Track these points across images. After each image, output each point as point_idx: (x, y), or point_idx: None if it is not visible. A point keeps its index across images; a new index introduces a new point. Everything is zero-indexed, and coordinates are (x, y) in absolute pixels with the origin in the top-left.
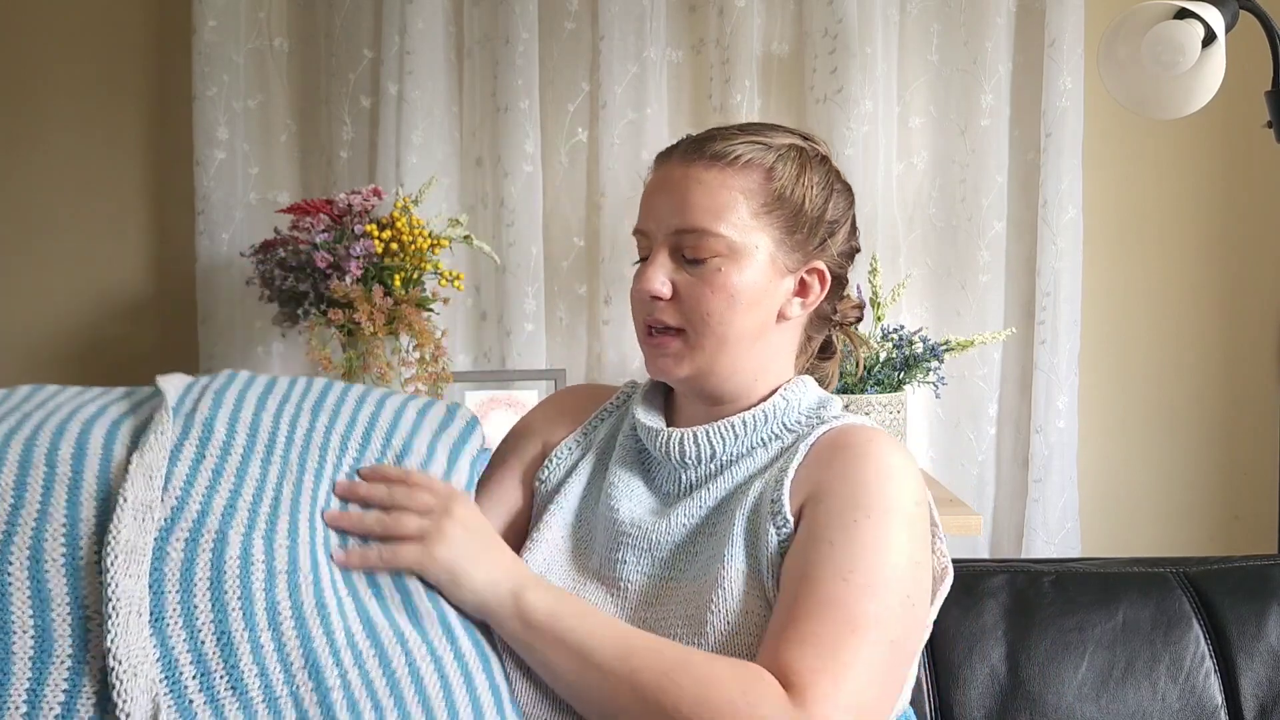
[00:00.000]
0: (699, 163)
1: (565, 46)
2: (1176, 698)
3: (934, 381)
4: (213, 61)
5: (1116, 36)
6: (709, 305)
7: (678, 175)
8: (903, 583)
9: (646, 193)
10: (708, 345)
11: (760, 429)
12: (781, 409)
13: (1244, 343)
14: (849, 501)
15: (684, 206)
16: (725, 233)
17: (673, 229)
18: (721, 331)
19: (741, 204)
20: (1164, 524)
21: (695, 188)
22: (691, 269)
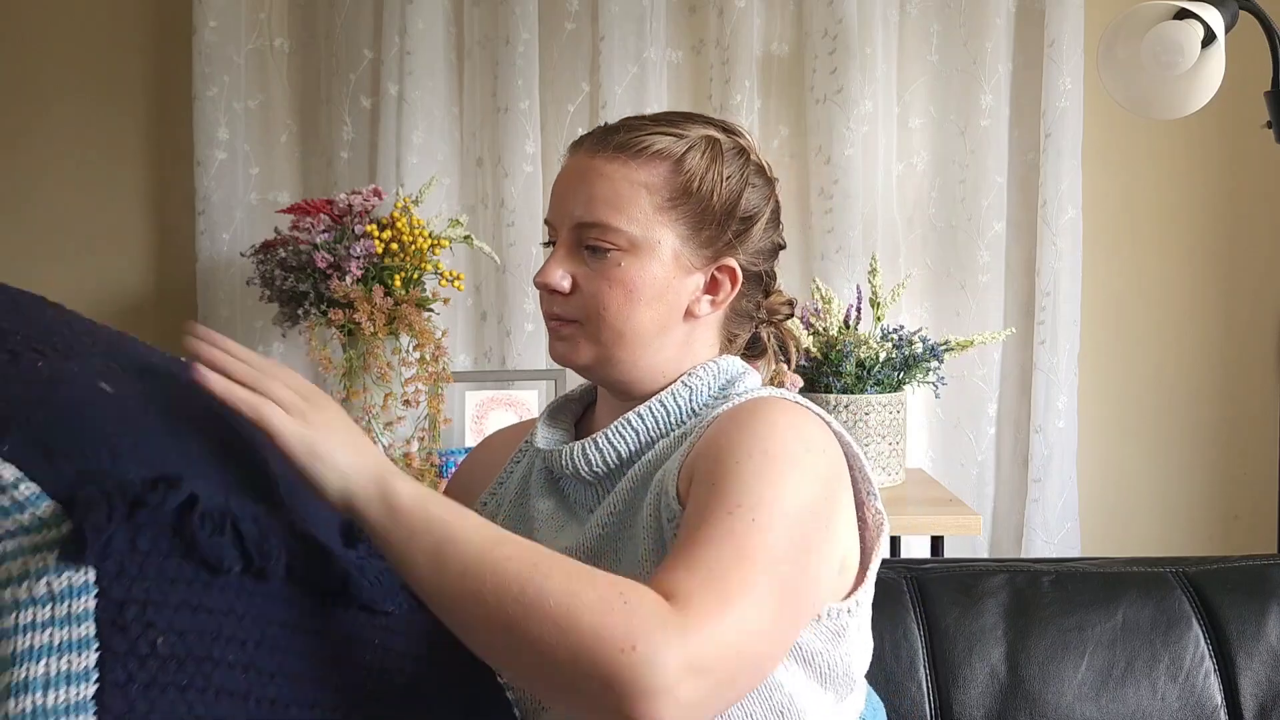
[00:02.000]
0: (603, 154)
1: (565, 47)
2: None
3: (934, 381)
4: (213, 62)
5: (1116, 37)
6: (605, 299)
7: (584, 166)
8: (796, 526)
9: (555, 182)
10: (604, 338)
11: (662, 420)
12: (685, 397)
13: (1244, 343)
14: (735, 450)
15: (585, 199)
16: (625, 227)
17: (574, 221)
18: (619, 326)
19: (644, 198)
20: (1164, 524)
21: (598, 180)
22: (592, 262)
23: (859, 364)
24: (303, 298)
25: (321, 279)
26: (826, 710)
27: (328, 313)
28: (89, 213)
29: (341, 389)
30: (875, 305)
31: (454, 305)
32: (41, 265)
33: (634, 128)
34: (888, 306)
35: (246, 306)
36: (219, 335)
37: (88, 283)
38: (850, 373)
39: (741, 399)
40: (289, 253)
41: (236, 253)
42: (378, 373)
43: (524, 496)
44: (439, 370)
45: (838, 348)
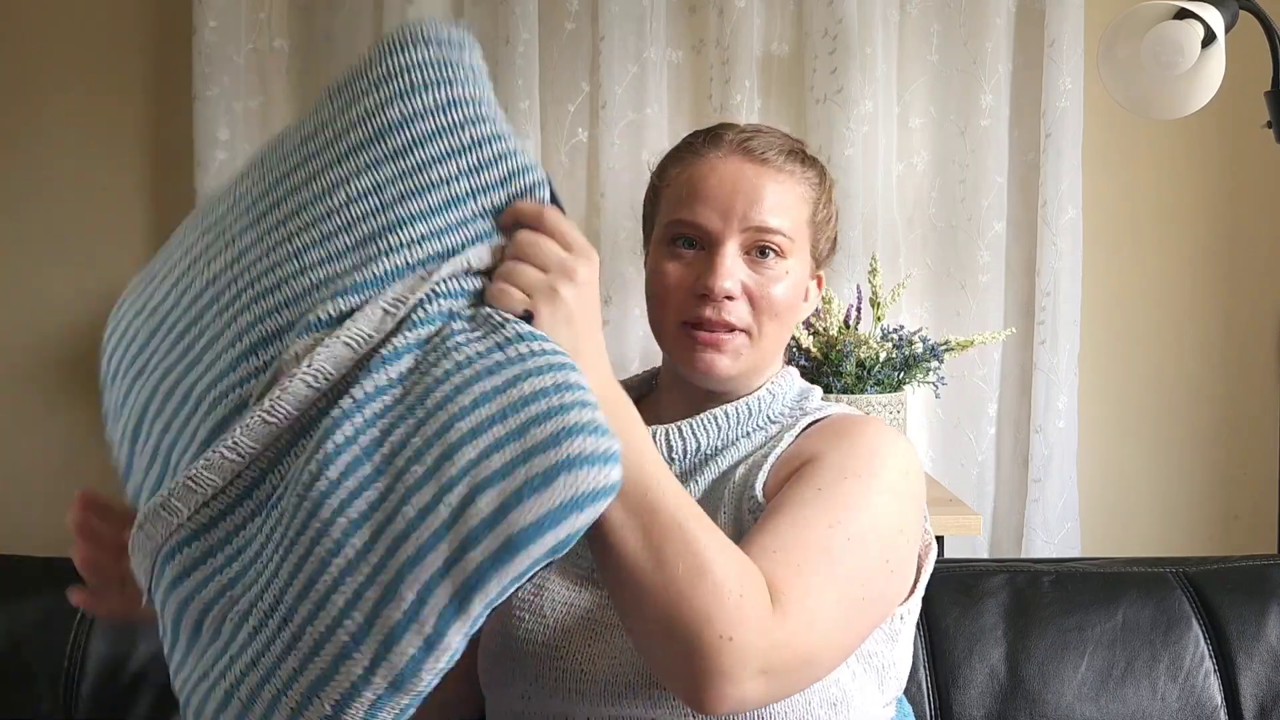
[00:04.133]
0: (771, 163)
1: (565, 46)
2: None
3: (934, 381)
4: (213, 62)
5: (1116, 37)
6: (778, 306)
7: (749, 172)
8: (884, 546)
9: (701, 179)
10: (765, 345)
11: (745, 421)
12: (768, 402)
13: (1244, 343)
14: (845, 465)
15: (761, 203)
16: (793, 235)
17: (747, 225)
18: (779, 333)
19: (803, 209)
20: (1164, 524)
21: (771, 186)
22: (759, 268)
23: (859, 364)
24: None
25: None
26: (874, 708)
27: None
28: (89, 213)
29: None
30: (875, 305)
31: None
32: (41, 265)
33: (782, 145)
34: (888, 306)
35: None
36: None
37: (88, 283)
38: (850, 373)
39: (824, 413)
40: None
41: None
42: None
43: None
44: None
45: (838, 348)
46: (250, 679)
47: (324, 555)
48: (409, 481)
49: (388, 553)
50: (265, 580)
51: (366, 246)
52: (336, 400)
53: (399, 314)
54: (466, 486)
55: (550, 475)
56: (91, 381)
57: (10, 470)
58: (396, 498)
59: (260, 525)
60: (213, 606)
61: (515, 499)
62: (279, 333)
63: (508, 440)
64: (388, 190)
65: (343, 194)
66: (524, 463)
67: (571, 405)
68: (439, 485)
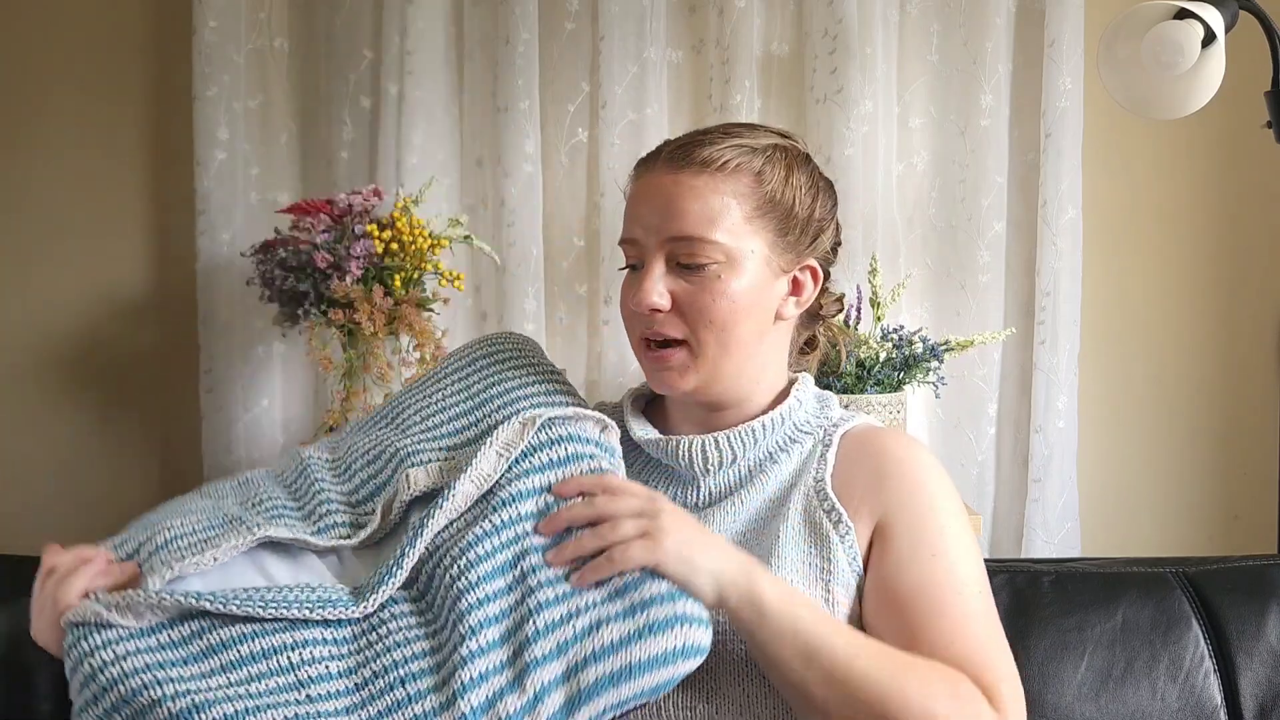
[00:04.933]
0: (688, 169)
1: (565, 46)
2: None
3: (934, 381)
4: (213, 62)
5: (1116, 37)
6: (712, 313)
7: (666, 182)
8: (985, 574)
9: (632, 201)
10: (711, 354)
11: (776, 431)
12: (795, 410)
13: (1244, 343)
14: (929, 520)
15: (677, 214)
16: (721, 239)
17: (666, 236)
18: (724, 339)
19: (734, 209)
20: (1164, 524)
21: (687, 194)
22: (689, 277)
23: (859, 364)
24: (303, 298)
25: (321, 279)
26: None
27: (328, 313)
28: (88, 213)
29: (342, 389)
30: (875, 305)
31: (454, 305)
32: (41, 266)
33: (709, 142)
34: (888, 306)
35: (246, 306)
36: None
37: (87, 283)
38: (850, 373)
39: (853, 424)
40: (289, 253)
41: (236, 253)
42: (378, 373)
43: None
44: None
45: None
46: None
47: (460, 636)
48: (539, 599)
49: (515, 652)
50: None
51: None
52: (470, 525)
53: (509, 457)
54: (591, 618)
55: (666, 624)
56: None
57: (10, 470)
58: (526, 610)
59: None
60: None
61: (636, 636)
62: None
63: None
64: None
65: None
66: (644, 610)
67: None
68: (568, 609)
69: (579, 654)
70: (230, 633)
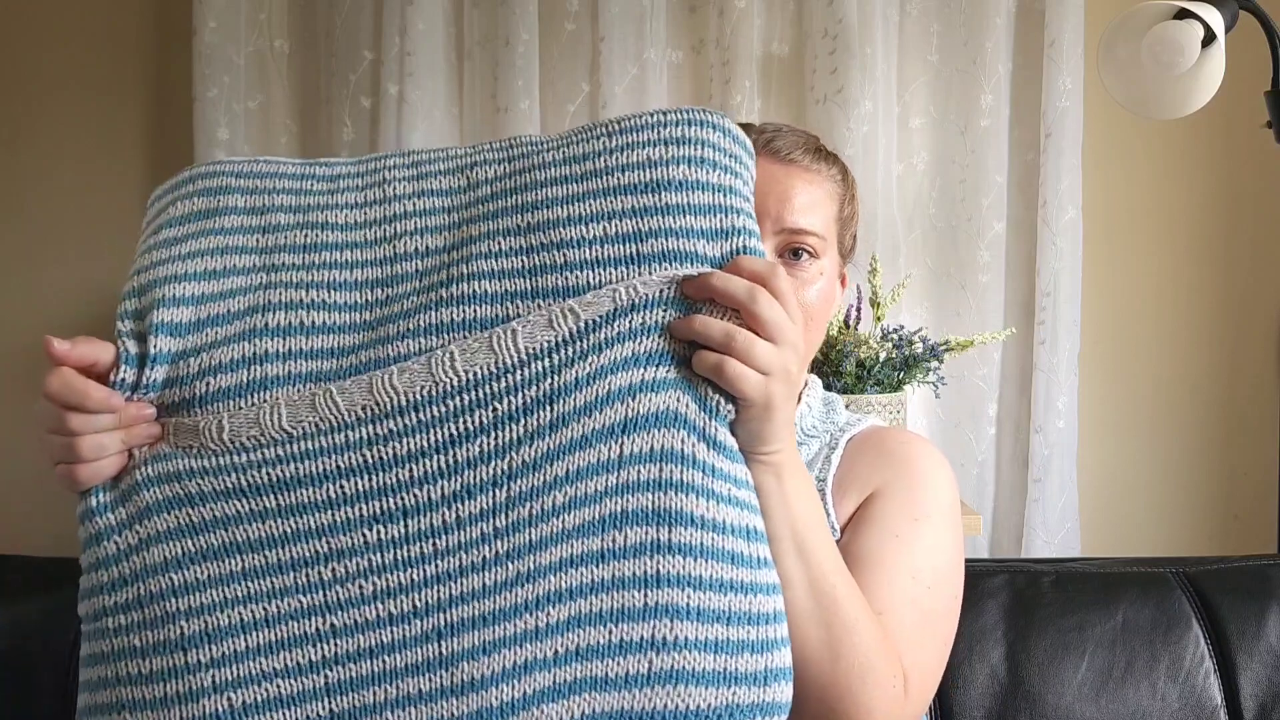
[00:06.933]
0: (800, 162)
1: (565, 47)
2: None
3: (934, 381)
4: (213, 63)
5: (1116, 36)
6: (814, 309)
7: (779, 172)
8: (954, 581)
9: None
10: (804, 352)
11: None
12: (805, 415)
13: (1244, 343)
14: (912, 503)
15: (795, 205)
16: (826, 235)
17: (782, 227)
18: (816, 337)
19: (831, 208)
20: (1164, 524)
21: (802, 187)
22: (794, 270)
23: (859, 364)
24: None
25: None
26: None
27: None
28: (89, 213)
29: None
30: (875, 305)
31: None
32: (41, 266)
33: (805, 142)
34: (888, 306)
35: None
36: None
37: (87, 284)
38: (850, 373)
39: (860, 426)
40: None
41: None
42: None
43: None
44: None
45: (838, 348)
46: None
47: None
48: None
49: None
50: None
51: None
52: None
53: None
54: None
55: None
56: None
57: (10, 470)
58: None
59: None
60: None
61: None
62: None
63: (725, 649)
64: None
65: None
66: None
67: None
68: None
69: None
70: None
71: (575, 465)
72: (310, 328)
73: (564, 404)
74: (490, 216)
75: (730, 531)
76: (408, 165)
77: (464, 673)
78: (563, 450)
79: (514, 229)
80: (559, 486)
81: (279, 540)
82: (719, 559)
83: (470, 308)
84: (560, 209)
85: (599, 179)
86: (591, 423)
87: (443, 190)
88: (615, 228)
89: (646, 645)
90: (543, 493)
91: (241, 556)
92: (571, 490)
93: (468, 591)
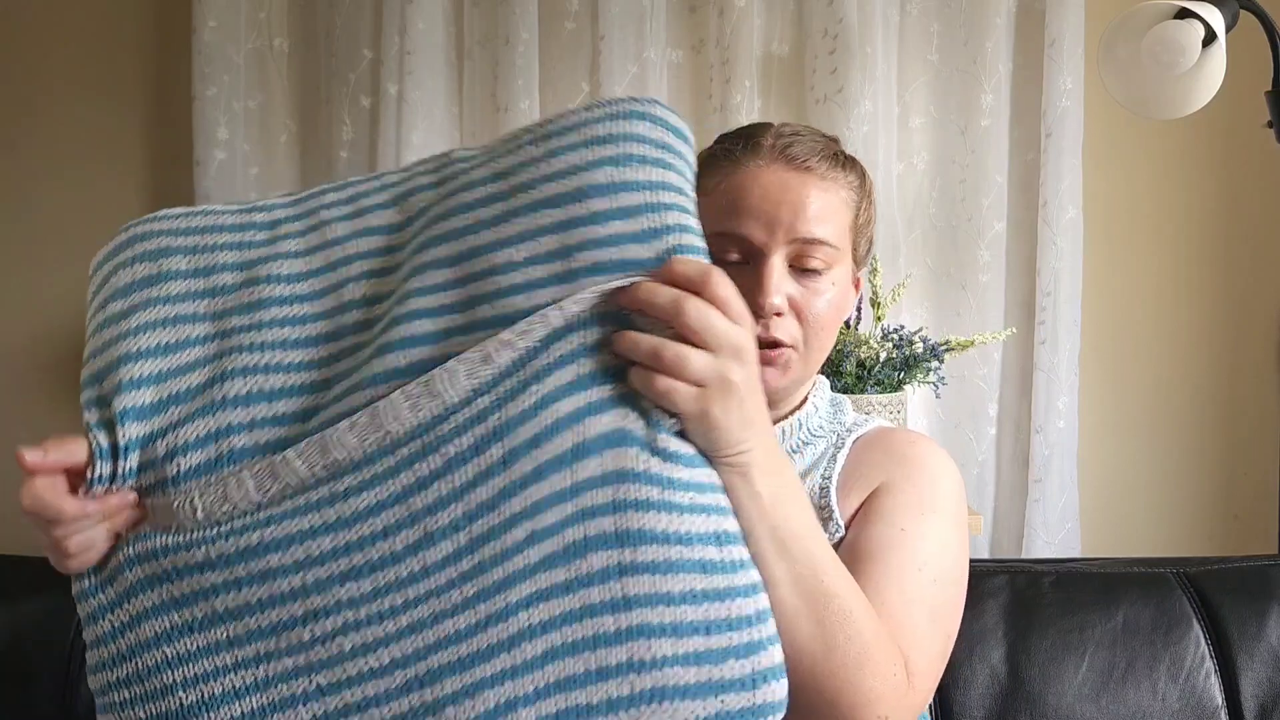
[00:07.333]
0: (816, 170)
1: (565, 46)
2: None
3: (934, 381)
4: (213, 62)
5: (1116, 36)
6: (824, 320)
7: (793, 181)
8: (960, 576)
9: (742, 189)
10: (813, 360)
11: (793, 436)
12: (811, 416)
13: (1244, 343)
14: (918, 498)
15: (809, 215)
16: (838, 245)
17: (795, 237)
18: (825, 344)
19: (845, 216)
20: (1164, 524)
21: (817, 196)
22: (803, 280)
23: (859, 364)
24: None
25: None
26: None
27: None
28: (88, 213)
29: None
30: (875, 305)
31: None
32: (41, 266)
33: (821, 147)
34: (888, 306)
35: None
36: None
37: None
38: (850, 373)
39: (868, 428)
40: None
41: None
42: None
43: None
44: None
45: (838, 347)
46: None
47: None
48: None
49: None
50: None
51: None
52: None
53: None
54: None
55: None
56: None
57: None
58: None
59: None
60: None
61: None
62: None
63: (708, 659)
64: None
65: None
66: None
67: (766, 642)
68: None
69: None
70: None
71: (532, 499)
72: (269, 393)
73: (513, 439)
74: (424, 248)
75: (698, 540)
76: (345, 202)
77: (449, 717)
78: (518, 485)
79: (446, 259)
80: (518, 522)
81: (258, 607)
82: (689, 570)
83: (412, 351)
84: (488, 232)
85: (524, 194)
86: (543, 454)
87: (381, 227)
88: (543, 245)
89: (626, 668)
90: (504, 530)
91: (226, 626)
92: (531, 525)
93: (444, 637)
